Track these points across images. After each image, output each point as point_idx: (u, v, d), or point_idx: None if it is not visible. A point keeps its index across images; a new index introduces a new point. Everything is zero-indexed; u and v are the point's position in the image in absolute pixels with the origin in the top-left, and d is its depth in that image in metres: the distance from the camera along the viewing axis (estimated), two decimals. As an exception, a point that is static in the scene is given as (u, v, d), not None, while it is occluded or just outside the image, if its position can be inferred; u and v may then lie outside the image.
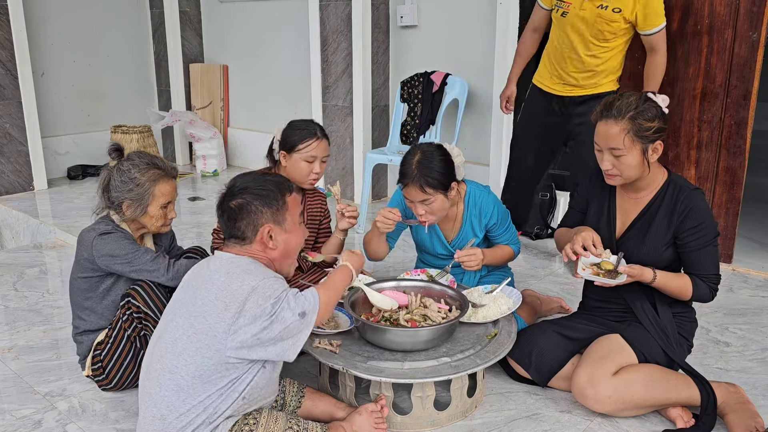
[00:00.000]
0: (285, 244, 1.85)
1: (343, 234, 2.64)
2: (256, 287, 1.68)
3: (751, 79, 3.20)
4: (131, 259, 2.17)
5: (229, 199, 1.82)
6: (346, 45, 4.51)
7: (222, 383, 1.70)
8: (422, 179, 2.31)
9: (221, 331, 1.66)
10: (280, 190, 1.85)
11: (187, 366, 1.68)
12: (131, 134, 5.08)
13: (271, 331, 1.68)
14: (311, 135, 2.51)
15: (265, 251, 1.83)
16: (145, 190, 2.21)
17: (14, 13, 4.73)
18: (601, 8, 2.98)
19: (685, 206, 2.08)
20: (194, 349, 1.68)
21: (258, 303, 1.67)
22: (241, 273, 1.72)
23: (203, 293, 1.73)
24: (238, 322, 1.66)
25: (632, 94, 2.07)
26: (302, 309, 1.73)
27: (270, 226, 1.81)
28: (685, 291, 2.12)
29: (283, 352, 1.72)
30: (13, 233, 4.58)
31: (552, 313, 2.84)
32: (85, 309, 2.27)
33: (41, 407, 2.23)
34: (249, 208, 1.80)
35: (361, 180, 4.52)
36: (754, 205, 4.32)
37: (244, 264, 1.76)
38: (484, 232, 2.59)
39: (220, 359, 1.68)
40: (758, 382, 2.36)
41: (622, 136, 2.02)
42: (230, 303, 1.67)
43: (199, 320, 1.69)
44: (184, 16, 5.76)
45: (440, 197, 2.36)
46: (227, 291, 1.69)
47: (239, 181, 1.87)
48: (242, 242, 1.82)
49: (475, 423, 2.12)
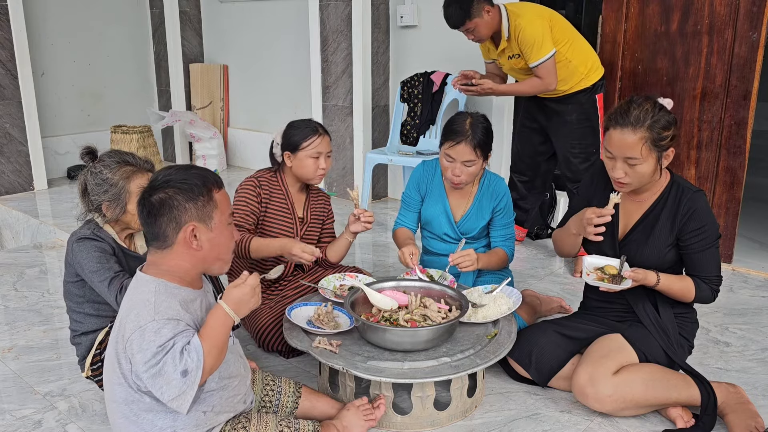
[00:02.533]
0: (210, 245, 1.64)
1: (353, 236, 2.66)
2: (142, 327, 1.51)
3: (751, 79, 3.20)
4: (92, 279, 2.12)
5: (151, 194, 1.61)
6: (346, 45, 4.51)
7: (156, 407, 1.61)
8: (476, 139, 2.46)
9: (123, 361, 1.58)
10: (206, 185, 1.63)
11: (116, 394, 1.63)
12: (131, 134, 5.08)
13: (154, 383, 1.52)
14: (313, 132, 2.54)
15: (185, 256, 1.63)
16: (119, 189, 2.17)
17: (14, 13, 4.73)
18: (510, 59, 3.33)
19: (689, 208, 2.08)
20: (116, 377, 1.62)
21: (140, 347, 1.51)
22: (138, 303, 1.57)
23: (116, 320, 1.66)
24: (121, 358, 1.57)
25: (645, 101, 2.03)
26: (184, 367, 1.51)
27: (194, 224, 1.60)
28: (688, 293, 2.12)
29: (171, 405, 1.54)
30: (13, 233, 4.58)
31: (552, 313, 2.84)
32: (80, 312, 2.26)
33: (41, 407, 2.23)
34: (171, 204, 1.59)
35: (361, 180, 4.52)
36: (754, 205, 4.32)
37: (147, 292, 1.59)
38: (490, 216, 2.65)
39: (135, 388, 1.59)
40: (758, 382, 2.36)
41: (640, 146, 1.99)
42: (120, 337, 1.57)
43: (111, 350, 1.64)
44: (184, 16, 5.76)
45: (479, 163, 2.52)
46: (122, 322, 1.58)
47: (162, 173, 1.64)
48: (163, 245, 1.63)
49: (475, 423, 2.12)
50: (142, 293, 1.59)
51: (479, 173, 2.61)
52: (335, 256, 2.72)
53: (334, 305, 2.32)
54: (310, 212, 2.70)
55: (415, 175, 2.73)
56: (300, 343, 2.11)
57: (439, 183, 2.68)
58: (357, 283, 2.47)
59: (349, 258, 3.63)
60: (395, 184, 4.85)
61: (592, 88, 3.32)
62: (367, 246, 3.92)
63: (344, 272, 2.65)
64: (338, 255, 2.72)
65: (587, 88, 3.31)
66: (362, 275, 2.63)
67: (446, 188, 2.68)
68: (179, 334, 1.53)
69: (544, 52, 3.19)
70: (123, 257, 2.22)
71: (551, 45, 3.19)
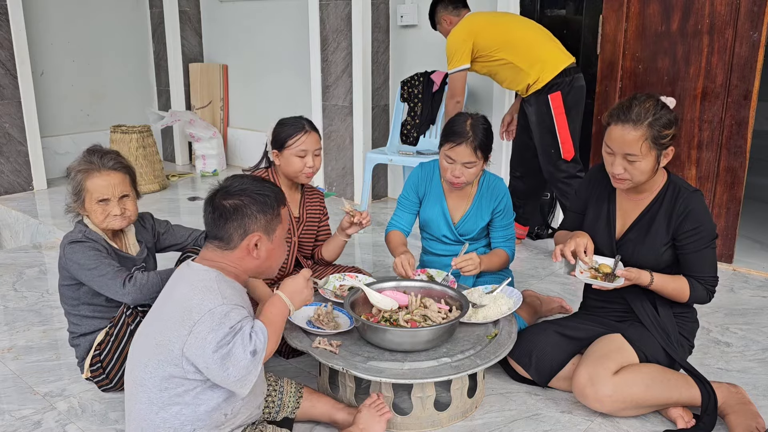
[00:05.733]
0: (267, 255, 1.76)
1: (347, 237, 2.63)
2: (212, 310, 1.59)
3: (751, 79, 3.20)
4: (93, 276, 2.12)
5: (224, 198, 1.73)
6: (346, 45, 4.50)
7: (189, 396, 1.64)
8: (477, 141, 2.44)
9: (177, 348, 1.60)
10: (277, 201, 1.77)
11: (153, 378, 1.64)
12: (131, 134, 5.08)
13: (222, 364, 1.58)
14: (299, 129, 2.50)
15: (243, 260, 1.74)
16: (77, 183, 2.19)
17: (14, 13, 4.73)
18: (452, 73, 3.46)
19: (684, 208, 2.07)
20: (156, 361, 1.63)
21: (212, 327, 1.57)
22: (203, 289, 1.64)
23: (168, 304, 1.68)
24: (189, 341, 1.59)
25: (647, 99, 2.03)
26: (254, 347, 1.61)
27: (260, 235, 1.72)
28: (682, 293, 2.12)
29: (233, 387, 1.62)
30: (12, 233, 4.58)
31: (552, 313, 2.84)
32: (77, 315, 2.26)
33: (41, 407, 2.22)
34: (244, 211, 1.70)
35: (361, 180, 4.51)
36: (754, 205, 4.32)
37: (209, 280, 1.67)
38: (489, 217, 2.63)
39: (180, 373, 1.62)
40: (759, 382, 2.35)
41: (640, 143, 1.99)
42: (186, 319, 1.60)
43: (161, 333, 1.64)
44: (184, 15, 5.75)
45: (480, 165, 2.50)
46: (185, 305, 1.62)
47: (237, 181, 1.78)
48: (225, 246, 1.72)
49: (476, 423, 2.12)
50: (202, 280, 1.66)
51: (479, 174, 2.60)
52: (331, 256, 2.70)
53: (334, 305, 2.32)
54: (306, 211, 2.69)
55: (413, 177, 2.71)
56: (300, 344, 2.11)
57: (438, 184, 2.67)
58: (357, 283, 2.46)
59: (349, 258, 3.62)
60: (395, 184, 4.85)
61: (544, 89, 3.30)
62: (367, 246, 3.91)
63: (344, 272, 2.64)
64: (334, 254, 2.70)
65: (540, 89, 3.31)
66: (362, 275, 2.62)
67: (444, 190, 2.66)
68: (245, 319, 1.64)
69: (454, 65, 3.39)
70: (115, 258, 2.22)
71: (462, 59, 3.35)
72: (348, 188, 4.78)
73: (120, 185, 2.22)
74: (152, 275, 2.13)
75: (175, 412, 1.65)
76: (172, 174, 5.66)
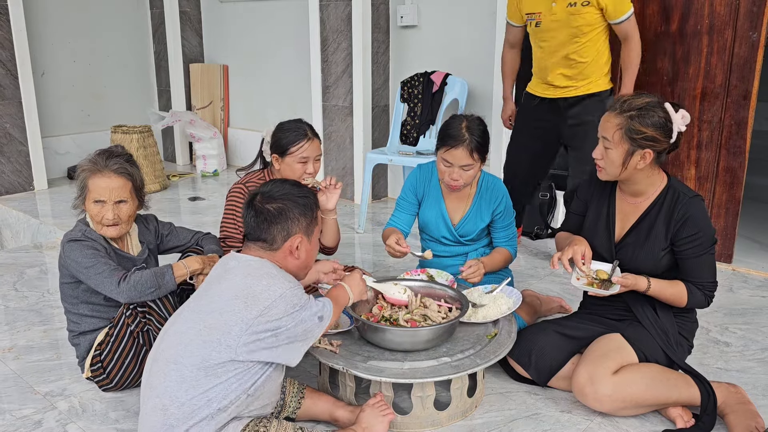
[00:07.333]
0: (306, 255, 1.87)
1: (334, 214, 2.56)
2: (283, 294, 1.70)
3: (751, 79, 3.20)
4: (90, 274, 2.13)
5: (268, 201, 1.82)
6: (346, 45, 4.51)
7: (225, 377, 1.69)
8: (473, 143, 2.42)
9: (237, 329, 1.66)
10: (315, 204, 1.90)
11: (192, 357, 1.68)
12: (131, 134, 5.08)
13: (290, 332, 1.71)
14: (302, 136, 2.49)
15: (285, 260, 1.84)
16: (81, 181, 2.21)
17: (14, 13, 4.73)
18: (570, 6, 2.97)
19: (683, 214, 2.07)
20: (201, 342, 1.68)
21: (285, 310, 1.70)
22: (264, 275, 1.73)
23: (217, 291, 1.74)
24: (258, 321, 1.67)
25: (647, 96, 2.04)
26: (321, 313, 1.79)
27: (301, 237, 1.83)
28: (680, 299, 2.12)
29: (291, 354, 1.75)
30: (13, 233, 4.58)
31: (552, 313, 2.84)
32: (76, 314, 2.26)
33: (41, 407, 2.23)
34: (288, 215, 1.81)
35: (361, 180, 4.52)
36: (754, 205, 4.32)
37: (266, 267, 1.77)
38: (490, 218, 2.62)
39: (229, 356, 1.68)
40: (758, 382, 2.36)
41: (613, 131, 2.03)
42: (252, 304, 1.68)
43: (213, 316, 1.70)
44: (184, 16, 5.76)
45: (477, 166, 2.49)
46: (248, 291, 1.70)
47: (277, 186, 1.88)
48: (269, 247, 1.82)
49: (475, 423, 2.12)
50: (263, 268, 1.76)
51: (477, 175, 2.60)
52: (329, 241, 2.63)
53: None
54: None
55: (411, 179, 2.71)
56: (300, 343, 2.11)
57: (436, 186, 2.67)
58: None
59: (349, 258, 3.63)
60: (395, 184, 4.85)
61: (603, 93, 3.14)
62: (367, 246, 3.92)
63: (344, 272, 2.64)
64: (332, 238, 2.63)
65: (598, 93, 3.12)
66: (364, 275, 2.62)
67: (443, 191, 2.65)
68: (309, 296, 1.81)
69: (628, 8, 2.96)
70: (115, 258, 2.22)
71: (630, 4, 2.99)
72: (348, 188, 4.79)
73: (118, 190, 2.21)
74: (146, 273, 2.13)
75: (205, 391, 1.69)
76: (172, 174, 5.67)
